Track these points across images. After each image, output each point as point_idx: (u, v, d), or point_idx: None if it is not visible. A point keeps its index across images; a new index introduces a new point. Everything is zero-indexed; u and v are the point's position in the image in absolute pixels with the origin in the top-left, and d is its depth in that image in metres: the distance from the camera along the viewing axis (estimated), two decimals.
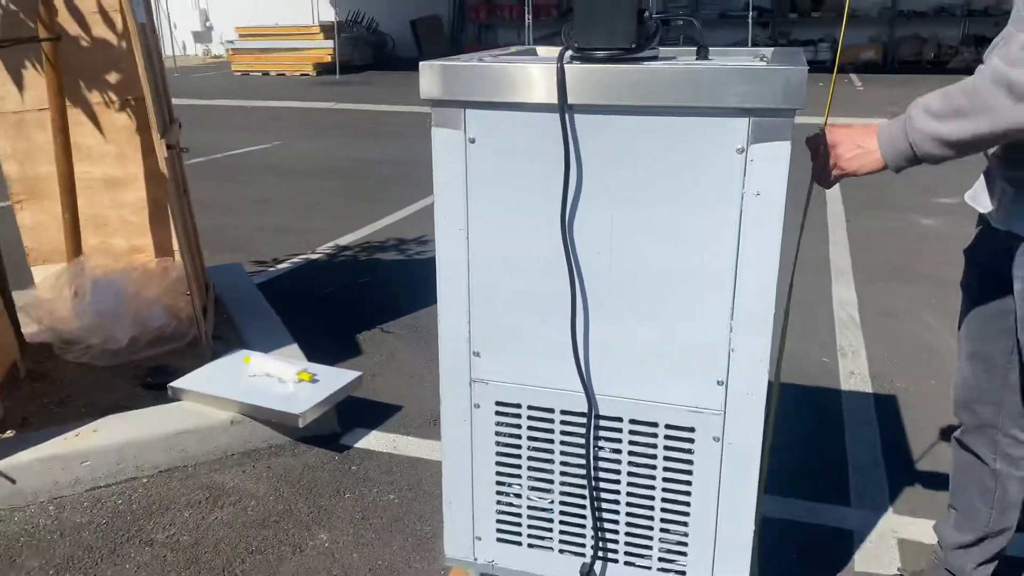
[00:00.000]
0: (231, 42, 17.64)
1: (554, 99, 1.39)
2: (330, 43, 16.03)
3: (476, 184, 1.50)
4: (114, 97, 3.19)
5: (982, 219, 1.57)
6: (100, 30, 3.10)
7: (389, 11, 18.23)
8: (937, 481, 2.42)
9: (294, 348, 3.01)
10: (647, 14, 1.38)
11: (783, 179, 1.33)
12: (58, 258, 3.28)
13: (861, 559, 2.11)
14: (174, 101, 3.39)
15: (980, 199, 1.54)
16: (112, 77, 3.17)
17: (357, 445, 2.68)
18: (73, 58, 3.06)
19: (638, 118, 1.38)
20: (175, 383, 2.67)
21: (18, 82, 3.10)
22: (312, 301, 3.96)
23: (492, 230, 1.52)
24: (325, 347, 3.26)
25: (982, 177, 1.54)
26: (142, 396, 2.74)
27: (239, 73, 16.42)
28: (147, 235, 3.38)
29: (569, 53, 1.41)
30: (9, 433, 2.49)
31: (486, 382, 1.59)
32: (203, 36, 20.82)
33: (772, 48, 1.68)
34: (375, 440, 2.71)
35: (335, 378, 2.73)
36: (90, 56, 3.12)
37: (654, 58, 1.45)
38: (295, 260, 4.60)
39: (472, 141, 1.48)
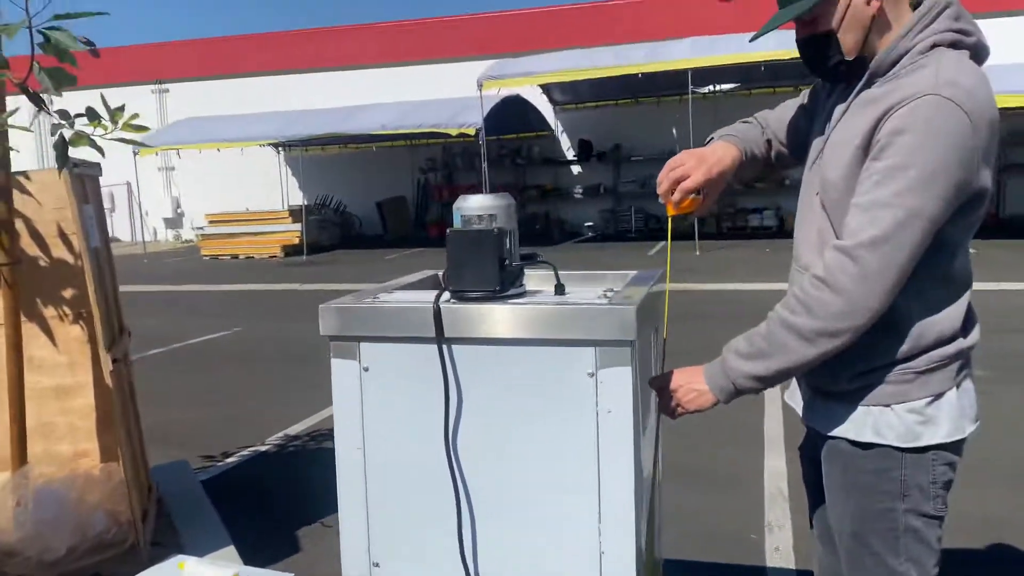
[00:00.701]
0: (201, 228, 18.29)
1: (433, 334, 1.61)
2: (298, 226, 16.70)
3: (370, 406, 1.69)
4: (68, 311, 3.39)
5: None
6: (59, 251, 3.35)
7: (357, 193, 19.18)
8: None
9: (231, 550, 3.07)
10: (508, 262, 1.64)
11: (629, 398, 1.54)
12: (2, 467, 3.36)
13: None
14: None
15: (795, 399, 1.77)
16: (67, 292, 3.38)
17: None
18: (31, 277, 3.28)
19: (505, 347, 1.60)
20: None
21: None
22: (256, 497, 4.02)
23: (386, 446, 1.69)
24: (265, 546, 3.30)
25: (794, 380, 1.77)
26: None
27: (208, 257, 16.93)
28: (93, 440, 3.47)
29: (447, 294, 1.65)
30: None
31: None
32: (174, 222, 21.58)
33: (634, 273, 1.94)
34: None
35: None
36: (47, 275, 3.34)
37: (521, 294, 1.70)
38: (244, 453, 4.68)
39: (366, 369, 1.68)
